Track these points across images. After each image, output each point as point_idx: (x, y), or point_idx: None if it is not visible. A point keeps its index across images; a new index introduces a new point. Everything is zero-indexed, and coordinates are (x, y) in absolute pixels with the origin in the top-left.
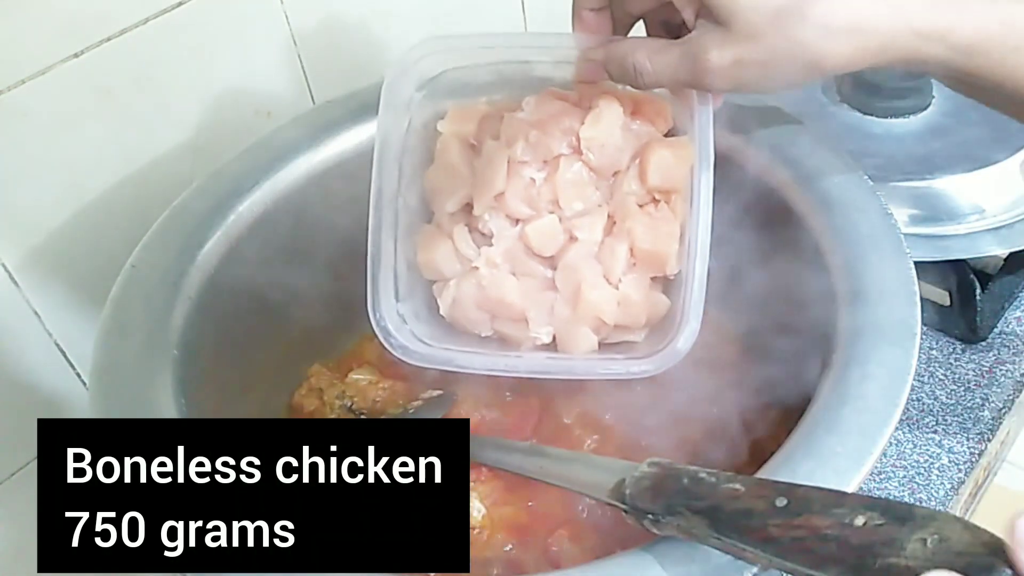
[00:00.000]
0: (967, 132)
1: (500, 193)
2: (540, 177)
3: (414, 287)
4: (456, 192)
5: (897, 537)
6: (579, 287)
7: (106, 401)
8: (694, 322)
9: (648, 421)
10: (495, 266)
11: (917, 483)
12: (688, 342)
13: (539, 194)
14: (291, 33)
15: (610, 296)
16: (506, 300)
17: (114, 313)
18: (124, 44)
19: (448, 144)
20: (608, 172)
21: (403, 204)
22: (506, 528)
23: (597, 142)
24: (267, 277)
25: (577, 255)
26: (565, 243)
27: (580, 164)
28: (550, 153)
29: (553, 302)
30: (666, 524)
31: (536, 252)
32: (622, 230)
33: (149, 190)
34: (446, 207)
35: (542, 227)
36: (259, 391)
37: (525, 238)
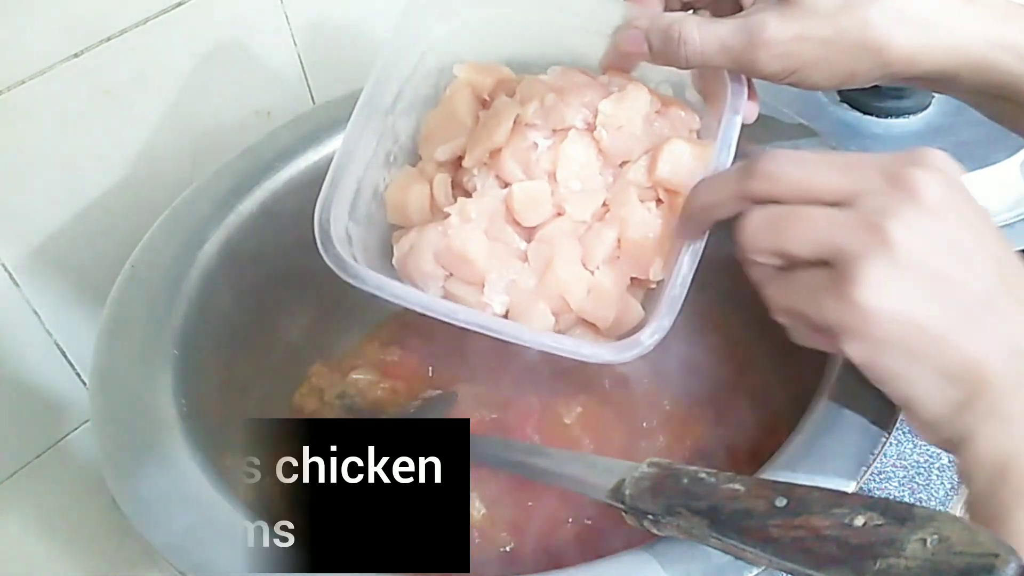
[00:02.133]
0: (967, 132)
1: (497, 149)
2: (544, 145)
3: (371, 222)
4: (451, 140)
5: (897, 537)
6: (551, 260)
7: (106, 401)
8: (666, 319)
9: (648, 421)
10: (468, 219)
11: (917, 483)
12: (654, 336)
13: (538, 161)
14: (291, 33)
15: (582, 278)
16: (469, 255)
17: (114, 313)
18: (124, 44)
19: (458, 90)
20: (617, 159)
21: (392, 131)
22: (506, 528)
23: (615, 121)
24: (267, 277)
25: (559, 229)
26: (550, 219)
27: (590, 141)
28: (562, 122)
29: (519, 273)
30: (666, 524)
31: (517, 218)
32: (615, 217)
33: (149, 190)
34: (435, 154)
35: (530, 189)
36: (259, 391)
37: (509, 198)
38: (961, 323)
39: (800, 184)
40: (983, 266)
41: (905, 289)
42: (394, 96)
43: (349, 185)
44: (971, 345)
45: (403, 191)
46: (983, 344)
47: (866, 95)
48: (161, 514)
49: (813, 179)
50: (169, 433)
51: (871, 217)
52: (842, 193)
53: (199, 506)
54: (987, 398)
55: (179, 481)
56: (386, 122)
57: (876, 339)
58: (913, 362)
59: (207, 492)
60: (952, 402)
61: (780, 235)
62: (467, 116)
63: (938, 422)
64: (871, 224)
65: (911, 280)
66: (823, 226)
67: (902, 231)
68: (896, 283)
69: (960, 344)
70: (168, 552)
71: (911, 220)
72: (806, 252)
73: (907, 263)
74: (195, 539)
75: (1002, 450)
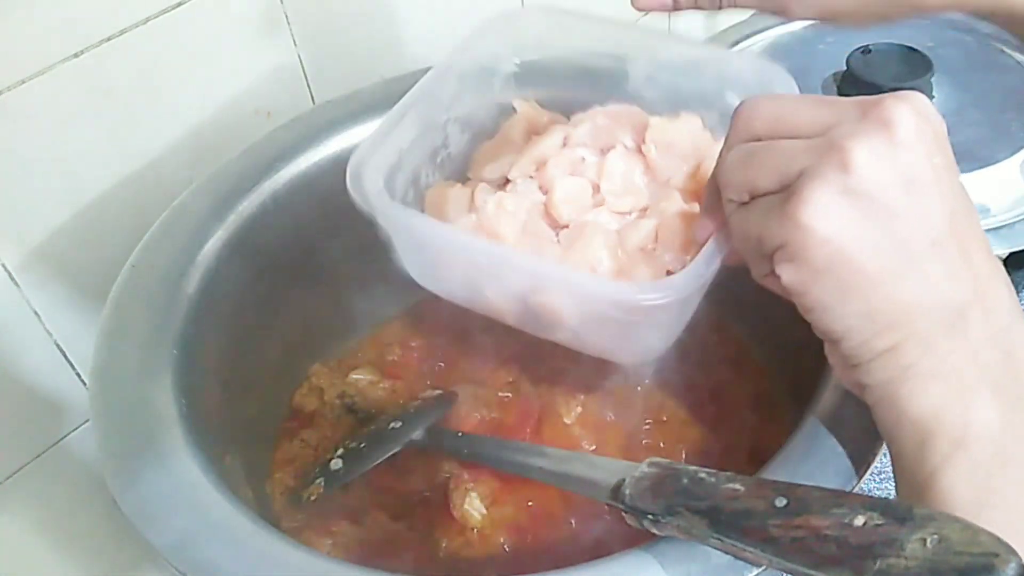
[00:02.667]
0: (967, 132)
1: (544, 161)
2: (592, 160)
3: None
4: (501, 159)
5: (897, 537)
6: (581, 234)
7: (106, 401)
8: (702, 266)
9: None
10: (503, 209)
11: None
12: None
13: (584, 172)
14: (291, 33)
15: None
16: (499, 232)
17: (114, 313)
18: (124, 44)
19: (515, 123)
20: (663, 177)
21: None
22: (506, 528)
23: (666, 138)
24: (267, 277)
25: (595, 217)
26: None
27: (638, 159)
28: (611, 142)
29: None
30: (666, 524)
31: (555, 213)
32: (654, 210)
33: (149, 190)
34: (484, 172)
35: (572, 184)
36: (259, 391)
37: (550, 195)
38: (900, 267)
39: (776, 118)
40: (936, 212)
41: (852, 218)
42: (451, 96)
43: (390, 150)
44: (905, 293)
45: (444, 192)
46: (918, 293)
47: (866, 95)
48: (161, 514)
49: (791, 113)
50: (169, 433)
51: (837, 139)
52: (817, 125)
53: (199, 506)
54: (915, 352)
55: (179, 481)
56: (438, 116)
57: (810, 264)
58: (843, 298)
59: (207, 492)
60: (876, 349)
61: (749, 169)
62: (519, 143)
63: (858, 366)
64: (835, 146)
65: (860, 210)
66: (788, 153)
67: (864, 156)
68: (844, 209)
69: (894, 290)
70: (168, 552)
71: (876, 147)
72: (770, 181)
73: (860, 190)
74: (195, 539)
75: (930, 409)
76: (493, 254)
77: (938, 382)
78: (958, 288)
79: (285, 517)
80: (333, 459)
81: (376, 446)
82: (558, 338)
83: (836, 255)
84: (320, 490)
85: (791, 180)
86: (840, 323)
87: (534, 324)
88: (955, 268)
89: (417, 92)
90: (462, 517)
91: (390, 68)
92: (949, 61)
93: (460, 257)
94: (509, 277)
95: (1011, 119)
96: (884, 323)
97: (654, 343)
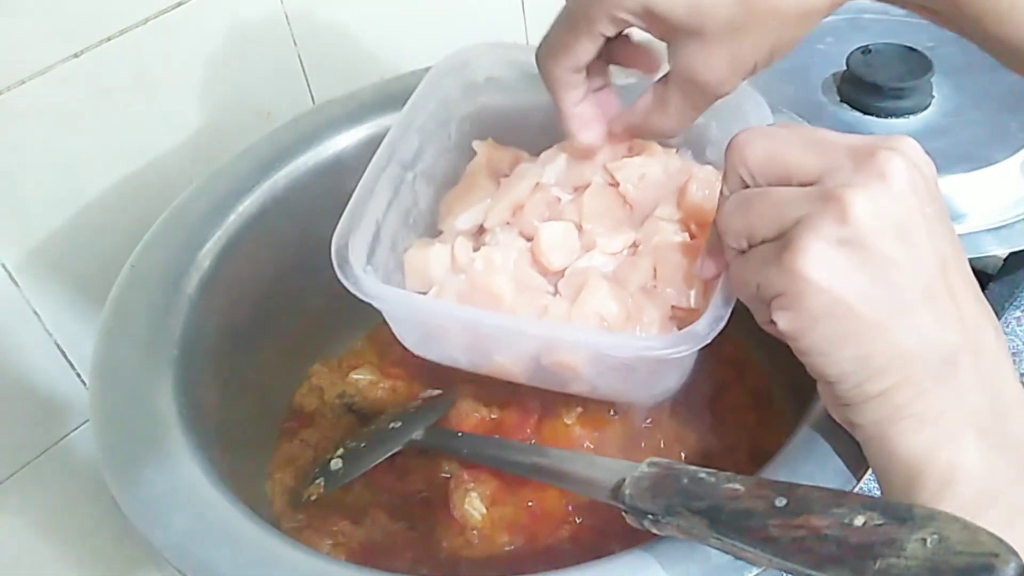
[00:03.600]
0: (967, 132)
1: (519, 205)
2: (567, 199)
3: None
4: (472, 207)
5: (897, 537)
6: (584, 284)
7: (106, 401)
8: (722, 309)
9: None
10: (492, 265)
11: None
12: (712, 327)
13: (562, 213)
14: (291, 33)
15: (620, 300)
16: (494, 290)
17: (114, 313)
18: (124, 44)
19: (477, 168)
20: (647, 208)
21: (412, 189)
22: (506, 528)
23: (636, 172)
24: (267, 277)
25: (589, 263)
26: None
27: (615, 194)
28: (582, 180)
29: (551, 302)
30: (666, 524)
31: (543, 261)
32: (647, 248)
33: (149, 190)
34: (456, 223)
35: (556, 229)
36: (259, 391)
37: (535, 242)
38: (894, 314)
39: (769, 159)
40: (928, 261)
41: (848, 268)
42: (414, 152)
43: (368, 226)
44: (899, 339)
45: (423, 253)
46: (911, 340)
47: (866, 95)
48: (161, 514)
49: (783, 154)
50: (169, 433)
51: (834, 190)
52: (810, 170)
53: (199, 506)
54: (907, 395)
55: (179, 481)
56: (405, 176)
57: (807, 312)
58: (838, 344)
59: (207, 492)
60: (868, 392)
61: (746, 217)
62: (487, 186)
63: (852, 406)
64: (832, 196)
65: (856, 260)
66: (784, 203)
67: (860, 207)
68: (840, 260)
69: (888, 336)
70: (168, 552)
71: (872, 198)
72: (768, 230)
73: (855, 241)
74: (195, 539)
75: (918, 450)
76: (504, 326)
77: (927, 425)
78: (948, 334)
79: (285, 517)
80: (333, 459)
81: (376, 446)
82: (572, 390)
83: (832, 304)
84: (320, 490)
85: (787, 229)
86: (835, 367)
87: (548, 380)
88: (946, 314)
89: (383, 154)
90: (462, 517)
91: (390, 68)
92: (949, 61)
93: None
94: (521, 343)
95: (1011, 119)
96: (877, 368)
97: (673, 384)
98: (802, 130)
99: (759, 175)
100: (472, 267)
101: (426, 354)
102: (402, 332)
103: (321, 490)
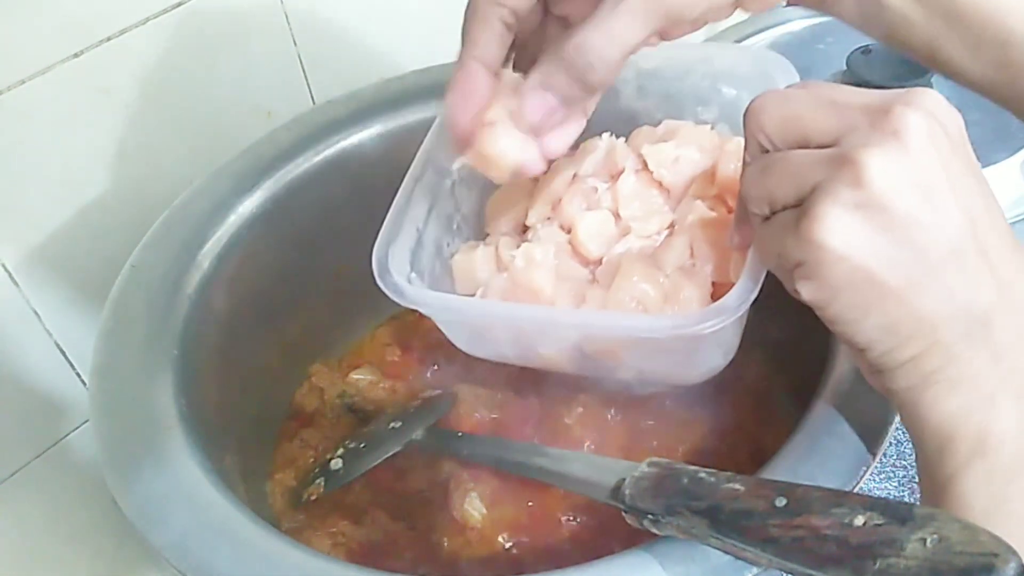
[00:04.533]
0: (967, 132)
1: (558, 200)
2: (605, 188)
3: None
4: (514, 207)
5: (897, 537)
6: (619, 268)
7: (106, 401)
8: (751, 282)
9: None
10: (533, 261)
11: (917, 483)
12: (741, 299)
13: (599, 202)
14: (291, 33)
15: (656, 282)
16: (535, 286)
17: (114, 313)
18: (124, 44)
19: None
20: (680, 190)
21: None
22: (506, 528)
23: (668, 156)
24: (267, 277)
25: (626, 248)
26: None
27: (649, 179)
28: (617, 167)
29: (588, 291)
30: (666, 524)
31: (582, 251)
32: (683, 227)
33: (149, 190)
34: (500, 225)
35: (594, 218)
36: (259, 391)
37: (574, 234)
38: (918, 278)
39: (785, 121)
40: (954, 220)
41: (866, 233)
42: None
43: (408, 235)
44: (925, 304)
45: (469, 257)
46: (938, 304)
47: None
48: (161, 514)
49: (799, 117)
50: (169, 433)
51: (848, 152)
52: (829, 133)
53: (199, 506)
54: (937, 360)
55: (179, 481)
56: (444, 183)
57: (828, 281)
58: (863, 312)
59: (207, 492)
60: (899, 358)
61: (766, 182)
62: (527, 183)
63: (884, 373)
64: (846, 159)
65: (875, 224)
66: (801, 167)
67: (875, 169)
68: (858, 226)
69: (914, 302)
70: (168, 552)
71: (889, 158)
72: (787, 195)
73: (874, 205)
74: (195, 539)
75: (950, 416)
76: (538, 318)
77: (959, 390)
78: (980, 295)
79: (285, 517)
80: (333, 459)
81: (376, 446)
82: (620, 377)
83: (853, 271)
84: (320, 490)
85: (806, 194)
86: (862, 335)
87: (594, 368)
88: (976, 275)
89: (418, 163)
90: (462, 517)
91: (390, 68)
92: None
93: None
94: (560, 334)
95: (1011, 119)
96: (905, 334)
97: (718, 361)
98: (819, 90)
99: (777, 140)
100: (513, 265)
101: (477, 352)
102: (452, 334)
103: (321, 490)
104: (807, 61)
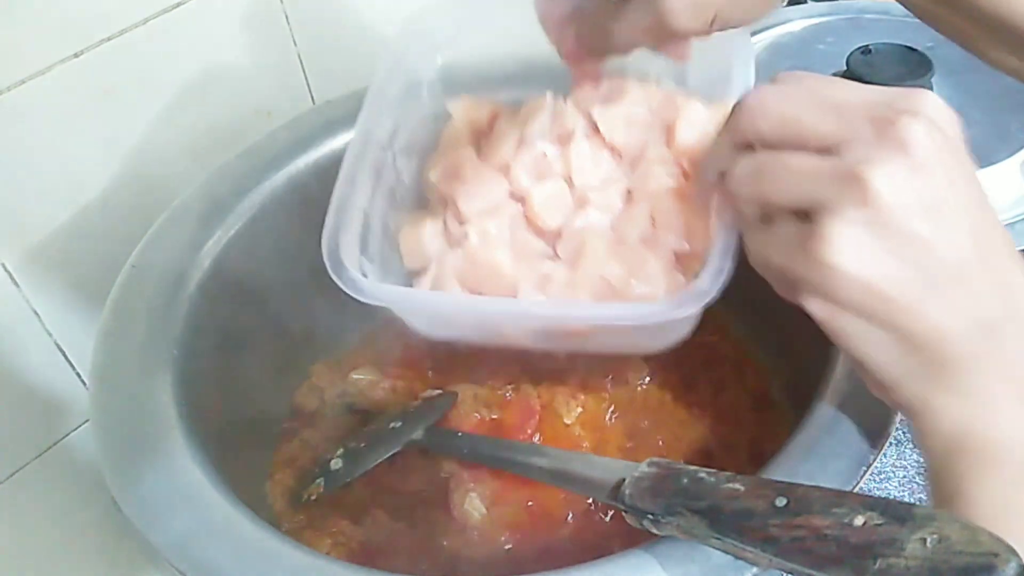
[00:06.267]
0: (967, 132)
1: (506, 165)
2: (554, 153)
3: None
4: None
5: (897, 537)
6: (583, 245)
7: (106, 401)
8: (724, 261)
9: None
10: (487, 236)
11: (917, 483)
12: (715, 280)
13: (550, 168)
14: (291, 33)
15: (620, 256)
16: (495, 264)
17: (114, 313)
18: (124, 44)
19: (456, 128)
20: (636, 152)
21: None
22: (506, 528)
23: (620, 119)
24: (267, 277)
25: (585, 221)
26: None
27: (601, 142)
28: (565, 129)
29: (551, 269)
30: (666, 524)
31: (538, 223)
32: (642, 194)
33: (149, 190)
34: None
35: (547, 189)
36: (259, 391)
37: (528, 205)
38: (927, 292)
39: (783, 122)
40: (960, 233)
41: (875, 252)
42: (390, 132)
43: (355, 217)
44: (934, 317)
45: (416, 230)
46: (947, 316)
47: None
48: (161, 514)
49: (798, 118)
50: (169, 433)
51: (854, 167)
52: (829, 138)
53: (199, 506)
54: (946, 372)
55: (179, 481)
56: (385, 156)
57: (836, 299)
58: (873, 327)
59: (207, 492)
60: (908, 370)
61: (762, 184)
62: (467, 142)
63: (892, 387)
64: (853, 176)
65: (883, 243)
66: (804, 176)
67: (884, 186)
68: (867, 245)
69: (923, 315)
70: (168, 552)
71: (895, 174)
72: (786, 202)
73: (882, 223)
74: (195, 539)
75: (958, 425)
76: (512, 312)
77: (966, 400)
78: (987, 306)
79: (285, 517)
80: (333, 459)
81: (376, 446)
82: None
83: (863, 290)
84: (320, 490)
85: (808, 206)
86: (868, 348)
87: (558, 342)
88: (983, 286)
89: (357, 141)
90: (462, 517)
91: None
92: (949, 61)
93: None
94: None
95: (1011, 119)
96: (912, 347)
97: (684, 331)
98: (817, 88)
99: (772, 139)
100: (467, 241)
101: (438, 335)
102: (410, 320)
103: (321, 490)
104: (807, 61)
